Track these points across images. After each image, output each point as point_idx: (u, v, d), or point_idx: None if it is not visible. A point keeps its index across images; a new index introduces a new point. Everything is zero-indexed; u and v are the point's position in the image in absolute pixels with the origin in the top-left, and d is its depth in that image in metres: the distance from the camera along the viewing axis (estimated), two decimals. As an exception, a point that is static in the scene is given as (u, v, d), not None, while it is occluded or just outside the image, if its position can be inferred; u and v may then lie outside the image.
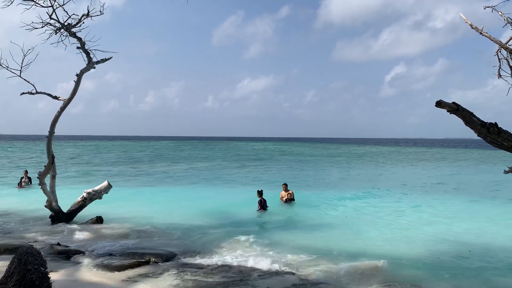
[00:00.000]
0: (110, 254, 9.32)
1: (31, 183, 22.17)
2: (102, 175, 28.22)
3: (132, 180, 26.54)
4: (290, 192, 16.86)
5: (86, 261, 8.88)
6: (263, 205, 15.15)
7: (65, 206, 13.11)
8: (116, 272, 8.16)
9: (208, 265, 8.61)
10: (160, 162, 44.64)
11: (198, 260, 8.94)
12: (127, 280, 7.69)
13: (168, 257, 9.13)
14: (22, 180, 22.25)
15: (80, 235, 11.21)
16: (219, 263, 8.78)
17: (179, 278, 7.77)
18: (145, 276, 7.94)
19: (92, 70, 12.77)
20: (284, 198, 16.77)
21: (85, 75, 12.73)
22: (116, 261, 8.86)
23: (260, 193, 15.51)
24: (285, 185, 17.04)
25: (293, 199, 16.73)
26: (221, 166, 39.17)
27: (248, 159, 51.55)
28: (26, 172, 22.94)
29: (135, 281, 7.65)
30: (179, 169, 36.14)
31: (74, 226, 12.30)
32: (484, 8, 6.29)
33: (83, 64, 12.60)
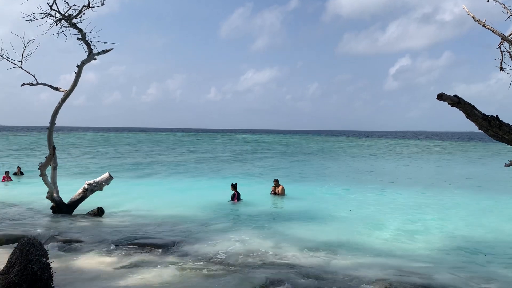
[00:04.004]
0: (111, 245, 9.37)
1: (23, 174, 22.62)
2: (103, 166, 28.25)
3: (132, 172, 26.58)
4: (280, 187, 17.08)
5: (87, 251, 8.92)
6: (237, 197, 15.29)
7: (66, 197, 13.16)
8: (117, 262, 8.21)
9: (208, 255, 8.66)
10: (161, 154, 44.67)
11: (198, 250, 8.98)
12: (127, 270, 7.73)
13: (168, 247, 9.19)
14: (15, 174, 22.19)
15: (81, 226, 11.25)
16: (218, 253, 8.82)
17: (179, 267, 7.81)
18: (145, 266, 7.98)
19: (95, 62, 12.76)
20: (274, 191, 17.11)
21: (89, 66, 12.71)
22: (117, 252, 8.92)
23: (234, 186, 15.64)
24: (276, 180, 17.38)
25: (282, 194, 16.95)
26: (221, 159, 39.18)
27: (248, 152, 51.55)
28: (19, 168, 22.92)
29: (135, 271, 7.69)
30: (180, 161, 36.16)
31: (75, 217, 12.36)
32: (487, 0, 6.25)
33: (85, 55, 12.58)
